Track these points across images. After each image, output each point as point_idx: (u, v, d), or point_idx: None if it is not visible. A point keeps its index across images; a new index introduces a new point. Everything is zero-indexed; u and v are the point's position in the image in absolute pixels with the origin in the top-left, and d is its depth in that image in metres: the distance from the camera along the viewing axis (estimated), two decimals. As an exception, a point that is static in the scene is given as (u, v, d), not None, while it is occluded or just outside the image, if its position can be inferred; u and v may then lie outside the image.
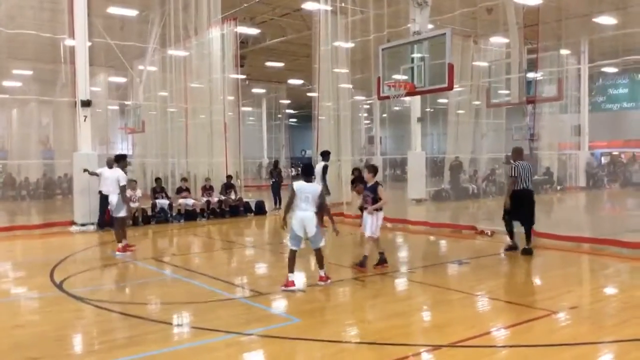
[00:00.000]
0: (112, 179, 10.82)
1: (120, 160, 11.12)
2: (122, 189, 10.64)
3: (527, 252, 9.98)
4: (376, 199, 8.59)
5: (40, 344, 5.54)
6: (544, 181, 22.97)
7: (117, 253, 10.61)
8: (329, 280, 7.86)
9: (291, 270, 7.58)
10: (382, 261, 8.85)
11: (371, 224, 8.59)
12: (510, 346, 5.45)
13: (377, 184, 8.72)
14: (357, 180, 11.01)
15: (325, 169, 13.34)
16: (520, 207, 9.99)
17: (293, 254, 7.62)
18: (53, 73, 16.51)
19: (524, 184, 9.95)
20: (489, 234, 12.34)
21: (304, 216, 7.51)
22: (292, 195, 7.63)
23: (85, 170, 13.52)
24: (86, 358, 5.34)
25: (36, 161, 23.02)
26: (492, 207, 18.29)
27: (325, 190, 12.82)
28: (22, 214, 15.88)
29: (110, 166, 12.57)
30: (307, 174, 7.89)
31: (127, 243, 10.92)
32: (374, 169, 8.99)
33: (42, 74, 18.96)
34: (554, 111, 23.63)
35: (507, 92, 17.69)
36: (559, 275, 8.78)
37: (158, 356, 5.17)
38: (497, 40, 20.12)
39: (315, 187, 7.76)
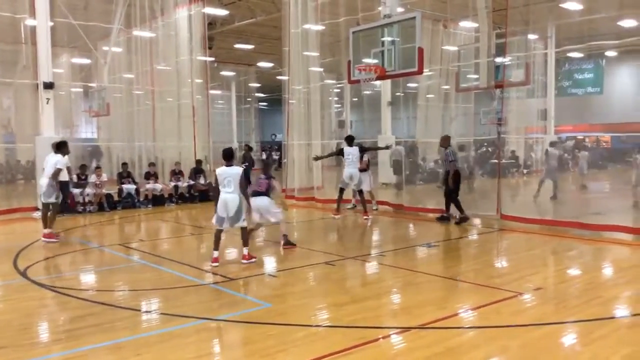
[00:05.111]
0: (50, 163, 10.42)
1: (61, 147, 10.57)
2: (55, 174, 10.26)
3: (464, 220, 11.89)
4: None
5: (4, 333, 5.40)
6: (510, 165, 23.34)
7: (43, 239, 10.33)
8: (252, 259, 8.19)
9: (215, 248, 8.12)
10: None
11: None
12: (478, 327, 5.55)
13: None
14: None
15: (362, 150, 13.11)
16: (458, 185, 11.88)
17: (218, 232, 8.19)
18: (14, 54, 15.93)
19: (459, 165, 12.19)
20: (457, 217, 12.50)
21: (226, 198, 7.97)
22: (216, 180, 8.11)
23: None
24: (53, 346, 5.23)
25: (-3, 145, 22.30)
26: (461, 190, 18.50)
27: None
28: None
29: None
30: (227, 158, 8.16)
31: (52, 232, 10.49)
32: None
33: (2, 54, 18.28)
34: (521, 96, 23.95)
35: (475, 76, 17.81)
36: (525, 257, 8.98)
37: (127, 343, 5.10)
38: (467, 24, 20.21)
39: (236, 170, 8.08)
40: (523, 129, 25.73)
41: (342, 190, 13.17)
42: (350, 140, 13.18)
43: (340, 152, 13.16)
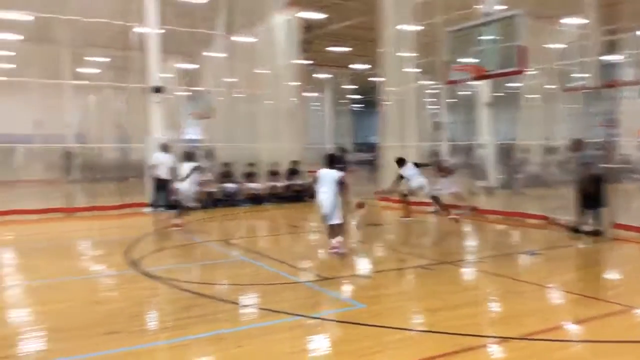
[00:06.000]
0: (185, 169, 11.49)
1: (191, 157, 12.23)
2: (195, 178, 11.75)
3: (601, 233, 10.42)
4: None
5: (117, 319, 5.82)
6: (623, 170, 21.71)
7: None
8: (340, 250, 8.66)
9: (329, 237, 8.94)
10: None
11: None
12: (585, 341, 5.23)
13: None
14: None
15: (418, 165, 13.22)
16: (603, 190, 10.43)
17: (325, 226, 9.03)
18: (124, 60, 17.14)
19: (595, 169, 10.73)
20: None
21: (320, 198, 8.79)
22: (315, 180, 9.03)
23: None
24: (160, 334, 5.57)
25: (112, 145, 24.15)
26: (566, 196, 17.48)
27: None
28: (99, 195, 16.72)
29: (164, 151, 13.16)
30: (329, 162, 9.04)
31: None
32: None
33: (116, 61, 19.74)
34: (635, 95, 22.23)
35: (583, 75, 16.81)
36: (638, 269, 8.33)
37: (228, 335, 5.33)
38: (573, 21, 19.10)
39: (334, 173, 8.79)
40: (637, 132, 23.84)
41: (405, 195, 13.38)
42: (401, 161, 13.22)
43: (401, 177, 13.03)
